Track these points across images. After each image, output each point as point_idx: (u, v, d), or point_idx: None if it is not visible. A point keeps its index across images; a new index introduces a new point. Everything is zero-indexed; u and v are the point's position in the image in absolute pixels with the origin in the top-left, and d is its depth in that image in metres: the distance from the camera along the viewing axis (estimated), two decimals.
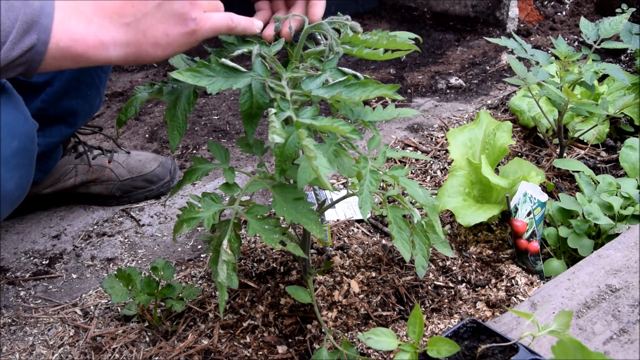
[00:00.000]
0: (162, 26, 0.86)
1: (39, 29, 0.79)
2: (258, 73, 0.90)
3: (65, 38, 0.82)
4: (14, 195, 0.96)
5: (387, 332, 0.98)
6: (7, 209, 0.98)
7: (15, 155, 0.93)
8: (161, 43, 0.87)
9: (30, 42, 0.79)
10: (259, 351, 1.19)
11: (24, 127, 0.95)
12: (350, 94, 0.86)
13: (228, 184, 1.05)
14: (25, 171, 0.96)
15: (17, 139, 0.93)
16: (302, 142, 0.77)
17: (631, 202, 1.39)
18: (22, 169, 0.95)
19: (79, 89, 1.52)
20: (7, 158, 0.91)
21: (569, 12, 2.83)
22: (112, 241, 1.56)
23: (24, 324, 1.31)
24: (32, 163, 0.98)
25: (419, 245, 1.13)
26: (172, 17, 0.86)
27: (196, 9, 0.87)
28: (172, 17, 0.86)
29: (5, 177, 0.91)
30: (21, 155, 0.94)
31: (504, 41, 1.59)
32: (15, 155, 0.93)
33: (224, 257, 0.94)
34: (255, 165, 1.85)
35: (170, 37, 0.87)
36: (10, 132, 0.92)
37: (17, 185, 0.95)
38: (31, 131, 0.97)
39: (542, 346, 1.02)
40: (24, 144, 0.94)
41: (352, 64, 2.46)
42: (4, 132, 0.91)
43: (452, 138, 1.57)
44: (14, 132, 0.92)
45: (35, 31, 0.79)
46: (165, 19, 0.86)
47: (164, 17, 0.85)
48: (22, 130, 0.94)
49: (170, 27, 0.86)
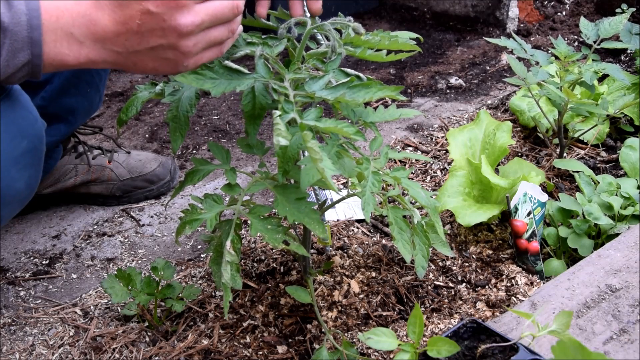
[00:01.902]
0: (153, 64, 0.85)
1: (31, 45, 0.79)
2: (261, 74, 0.90)
3: (57, 59, 0.82)
4: (23, 194, 0.96)
5: (387, 332, 0.98)
6: (16, 208, 0.99)
7: (25, 155, 0.93)
8: (150, 72, 0.87)
9: (24, 59, 0.79)
10: (259, 351, 1.19)
11: (33, 127, 0.95)
12: (353, 95, 0.86)
13: (230, 185, 1.05)
14: (34, 171, 0.97)
15: (27, 139, 0.93)
16: (307, 144, 0.77)
17: (631, 202, 1.40)
18: (31, 169, 0.95)
19: (79, 86, 1.52)
20: (17, 158, 0.92)
21: (569, 12, 2.83)
22: (112, 241, 1.56)
23: (24, 324, 1.31)
24: (40, 163, 0.99)
25: (419, 245, 1.13)
26: (162, 59, 0.85)
27: (188, 58, 0.85)
28: (162, 59, 0.85)
29: (15, 176, 0.92)
30: (31, 155, 0.95)
31: (504, 41, 1.59)
32: (25, 155, 0.93)
33: (228, 258, 0.94)
34: (255, 165, 1.85)
35: (159, 71, 0.87)
36: (20, 132, 0.92)
37: (27, 184, 0.95)
38: (40, 131, 0.97)
39: (542, 346, 1.02)
40: (33, 143, 0.95)
41: (352, 64, 2.46)
42: (14, 131, 0.91)
43: (452, 138, 1.57)
44: (23, 132, 0.93)
45: (28, 48, 0.79)
46: (156, 60, 0.85)
47: (155, 58, 0.84)
48: (32, 130, 0.95)
49: (160, 65, 0.86)
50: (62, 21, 0.80)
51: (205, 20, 0.83)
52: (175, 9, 0.80)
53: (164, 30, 0.81)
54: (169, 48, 0.83)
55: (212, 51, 0.88)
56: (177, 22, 0.80)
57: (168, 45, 0.82)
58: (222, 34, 0.87)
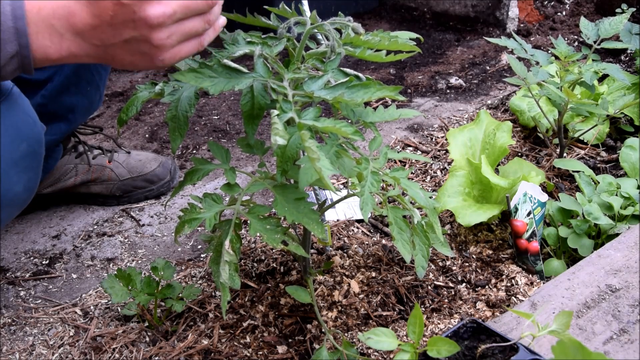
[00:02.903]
0: (129, 57, 0.85)
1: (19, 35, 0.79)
2: (260, 74, 0.90)
3: (40, 52, 0.81)
4: (22, 197, 0.96)
5: (387, 332, 0.98)
6: (15, 211, 0.99)
7: (24, 158, 0.93)
8: (129, 67, 0.86)
9: (12, 50, 0.79)
10: (259, 351, 1.19)
11: (32, 130, 0.95)
12: (352, 95, 0.86)
13: (229, 185, 1.05)
14: (33, 174, 0.97)
15: (26, 142, 0.93)
16: (305, 144, 0.77)
17: (631, 202, 1.40)
18: (30, 172, 0.95)
19: (79, 85, 1.52)
20: (16, 160, 0.92)
21: (569, 12, 2.83)
22: (112, 241, 1.56)
23: (24, 324, 1.31)
24: (39, 166, 0.99)
25: (419, 245, 1.13)
26: (137, 53, 0.84)
27: (163, 52, 0.84)
28: (138, 53, 0.84)
29: (14, 179, 0.92)
30: (30, 158, 0.95)
31: (504, 41, 1.59)
32: (24, 158, 0.93)
33: (226, 258, 0.94)
34: (255, 165, 1.85)
35: (138, 66, 0.86)
36: (19, 135, 0.92)
37: (25, 187, 0.95)
38: (39, 134, 0.97)
39: (542, 346, 1.02)
40: (32, 147, 0.95)
41: (352, 64, 2.46)
42: (14, 134, 0.91)
43: (452, 138, 1.57)
44: (22, 135, 0.93)
45: (15, 39, 0.78)
46: (132, 53, 0.84)
47: (131, 51, 0.84)
48: (31, 133, 0.95)
49: (137, 59, 0.85)
50: (44, 13, 0.80)
51: (176, 11, 0.82)
52: (145, 1, 0.79)
53: (134, 22, 0.80)
54: (142, 41, 0.82)
55: (191, 44, 0.87)
56: (146, 13, 0.79)
57: (141, 38, 0.82)
58: (197, 25, 0.85)
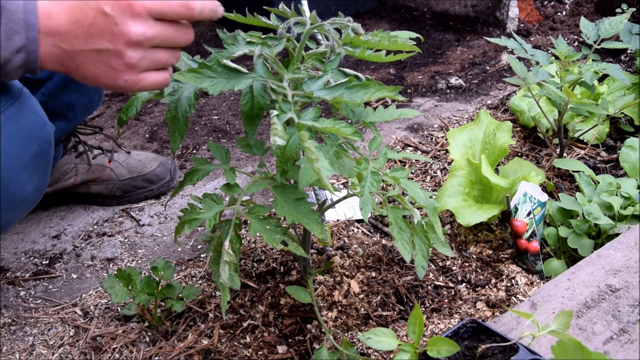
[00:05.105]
0: (94, 70, 0.83)
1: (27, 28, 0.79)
2: (259, 74, 0.90)
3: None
4: (32, 198, 0.96)
5: (387, 332, 0.98)
6: (25, 211, 0.99)
7: (35, 159, 0.93)
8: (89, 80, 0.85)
9: (20, 42, 0.79)
10: (259, 351, 1.19)
11: (42, 131, 0.95)
12: (352, 95, 0.86)
13: (229, 185, 1.05)
14: (43, 174, 0.97)
15: (37, 143, 0.93)
16: (304, 144, 0.77)
17: (631, 202, 1.40)
18: (40, 172, 0.96)
19: (79, 83, 1.52)
20: (27, 161, 0.92)
21: (569, 12, 2.83)
22: (112, 241, 1.56)
23: (24, 324, 1.31)
24: (49, 166, 0.99)
25: (419, 245, 1.13)
26: (104, 66, 0.83)
27: (130, 72, 0.83)
28: (105, 66, 0.83)
29: (25, 180, 0.92)
30: (40, 158, 0.95)
31: (504, 41, 1.59)
32: (35, 159, 0.93)
33: (226, 258, 0.94)
34: (255, 165, 1.85)
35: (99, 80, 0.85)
36: (30, 136, 0.92)
37: (36, 188, 0.96)
38: (49, 135, 0.97)
39: (542, 346, 1.02)
40: (42, 147, 0.95)
41: (352, 64, 2.46)
42: (25, 135, 0.91)
43: (452, 138, 1.57)
44: (33, 135, 0.93)
45: (24, 31, 0.78)
46: (98, 64, 0.83)
47: (98, 62, 0.83)
48: (41, 134, 0.95)
49: (101, 73, 0.84)
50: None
51: (156, 37, 0.82)
52: (129, 16, 0.79)
53: (113, 34, 0.80)
54: (114, 55, 0.81)
55: (157, 75, 0.86)
56: (128, 28, 0.79)
57: (114, 51, 0.81)
58: (167, 57, 0.85)
